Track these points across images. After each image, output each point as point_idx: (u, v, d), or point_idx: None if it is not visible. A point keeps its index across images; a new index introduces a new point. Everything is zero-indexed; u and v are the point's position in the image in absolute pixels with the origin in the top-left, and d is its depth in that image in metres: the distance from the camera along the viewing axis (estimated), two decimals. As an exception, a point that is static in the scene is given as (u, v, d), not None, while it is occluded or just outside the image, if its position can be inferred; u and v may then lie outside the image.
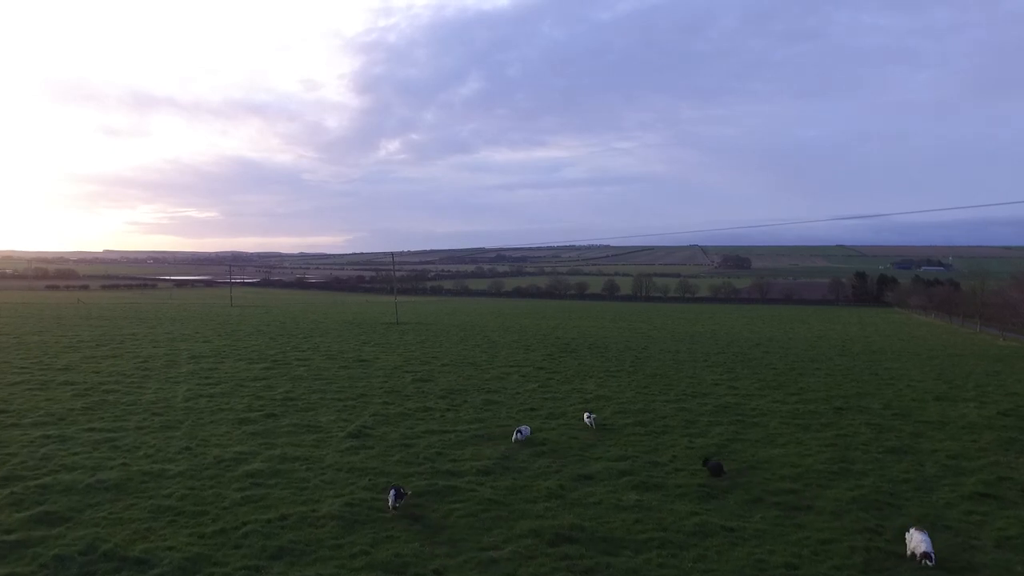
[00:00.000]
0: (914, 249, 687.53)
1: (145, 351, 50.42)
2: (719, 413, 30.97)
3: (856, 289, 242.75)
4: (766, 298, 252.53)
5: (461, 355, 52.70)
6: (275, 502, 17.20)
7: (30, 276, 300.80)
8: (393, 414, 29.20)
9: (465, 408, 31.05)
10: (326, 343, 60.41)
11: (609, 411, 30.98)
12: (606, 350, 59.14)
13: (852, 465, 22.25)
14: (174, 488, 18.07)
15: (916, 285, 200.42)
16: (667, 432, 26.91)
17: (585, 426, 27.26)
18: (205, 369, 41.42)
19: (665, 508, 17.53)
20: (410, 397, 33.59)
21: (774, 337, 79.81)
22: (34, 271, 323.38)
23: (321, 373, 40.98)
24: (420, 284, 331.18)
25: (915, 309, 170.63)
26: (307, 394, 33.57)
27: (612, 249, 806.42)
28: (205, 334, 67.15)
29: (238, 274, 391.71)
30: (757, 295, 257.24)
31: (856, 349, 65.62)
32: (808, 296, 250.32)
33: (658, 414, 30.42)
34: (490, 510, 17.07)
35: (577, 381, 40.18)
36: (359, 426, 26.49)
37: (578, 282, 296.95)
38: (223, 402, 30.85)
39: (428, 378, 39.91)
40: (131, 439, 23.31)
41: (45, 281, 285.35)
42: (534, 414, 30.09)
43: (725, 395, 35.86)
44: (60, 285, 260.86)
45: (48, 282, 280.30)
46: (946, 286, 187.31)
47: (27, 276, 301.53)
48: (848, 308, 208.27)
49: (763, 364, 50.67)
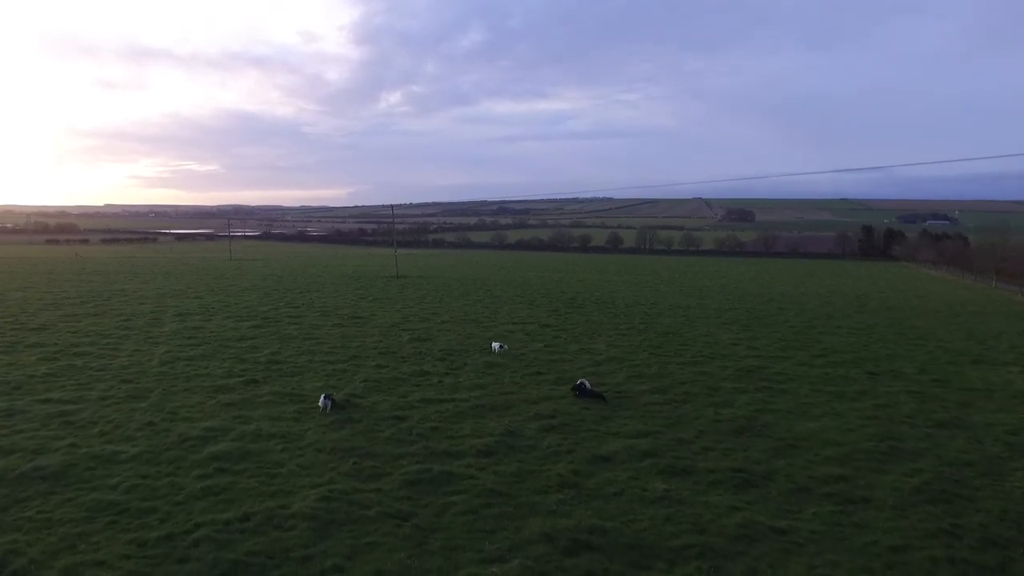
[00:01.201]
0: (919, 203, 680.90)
1: (130, 308, 47.78)
2: (742, 378, 28.36)
3: (862, 243, 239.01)
4: (771, 251, 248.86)
5: (462, 311, 50.07)
6: (239, 495, 14.57)
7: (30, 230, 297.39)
8: (386, 379, 26.59)
9: (465, 372, 28.42)
10: (322, 298, 57.76)
11: (623, 375, 28.37)
12: (614, 305, 56.49)
13: (901, 443, 19.65)
14: (123, 477, 15.43)
15: (923, 239, 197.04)
16: (688, 401, 24.30)
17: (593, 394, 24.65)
18: (190, 328, 38.79)
19: (699, 501, 14.92)
20: (406, 359, 31.00)
21: (785, 292, 77.06)
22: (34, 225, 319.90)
23: (312, 332, 38.37)
24: (422, 237, 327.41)
25: (924, 264, 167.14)
26: (294, 356, 30.97)
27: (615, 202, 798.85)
28: (197, 289, 64.46)
29: (239, 227, 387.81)
30: (762, 248, 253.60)
31: (872, 305, 62.95)
32: (813, 249, 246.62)
33: (676, 379, 27.79)
34: (493, 504, 14.46)
35: (585, 340, 37.56)
36: (347, 394, 23.91)
37: (581, 235, 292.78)
38: (202, 366, 28.23)
39: (426, 337, 37.30)
40: (88, 413, 20.68)
41: (45, 235, 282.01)
42: (540, 379, 27.48)
43: (746, 357, 33.25)
44: (60, 239, 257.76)
45: (48, 236, 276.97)
46: (956, 240, 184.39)
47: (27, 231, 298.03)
48: (855, 262, 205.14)
49: (779, 321, 48.03)
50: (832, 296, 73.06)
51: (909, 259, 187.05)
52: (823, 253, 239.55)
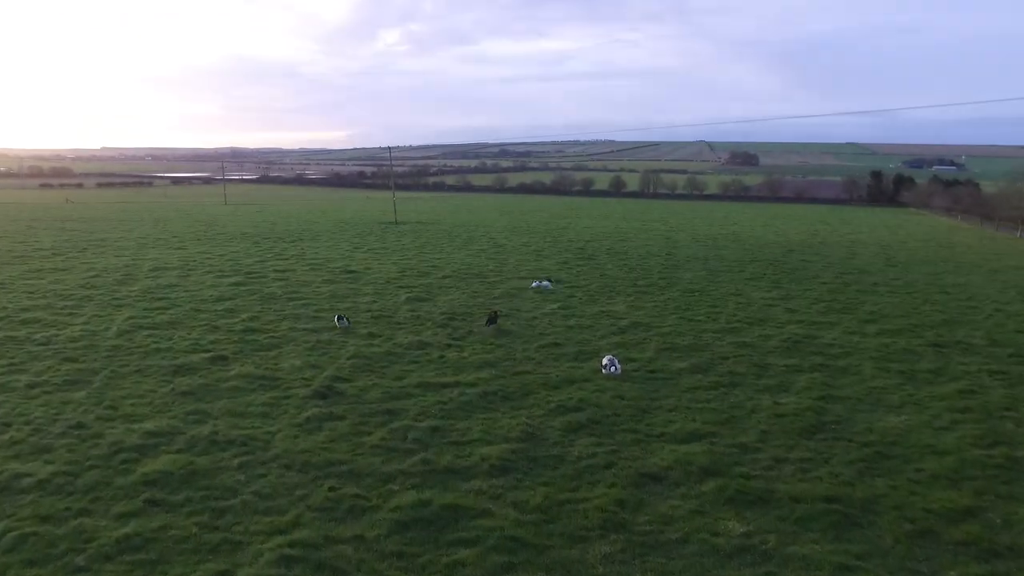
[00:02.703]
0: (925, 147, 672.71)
1: (103, 262, 43.72)
2: (791, 352, 24.44)
3: (871, 188, 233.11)
4: (778, 196, 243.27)
5: (465, 263, 46.06)
6: (167, 553, 10.57)
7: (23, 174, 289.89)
8: (378, 355, 22.64)
9: (470, 344, 24.49)
10: (314, 248, 53.69)
11: (652, 347, 24.44)
12: (626, 256, 52.44)
13: (1016, 450, 15.79)
14: (13, 521, 11.36)
15: (933, 185, 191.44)
16: (737, 384, 20.43)
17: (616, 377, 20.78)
18: (162, 287, 34.81)
19: (791, 553, 11.06)
20: (402, 325, 27.08)
21: (803, 241, 72.68)
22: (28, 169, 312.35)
23: (299, 290, 34.42)
24: (422, 180, 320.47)
25: (938, 211, 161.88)
26: (275, 322, 27.04)
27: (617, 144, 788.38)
28: (183, 238, 60.31)
29: (236, 171, 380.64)
30: (768, 193, 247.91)
31: (901, 258, 58.66)
32: (820, 195, 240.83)
33: (717, 353, 23.86)
34: (515, 565, 10.59)
35: (603, 300, 33.62)
36: (330, 376, 20.04)
37: (584, 178, 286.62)
38: (164, 337, 24.28)
39: (426, 296, 33.35)
40: (5, 409, 16.76)
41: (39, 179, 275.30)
42: (558, 353, 23.59)
43: (787, 322, 29.29)
44: (54, 183, 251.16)
45: (43, 180, 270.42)
46: (968, 187, 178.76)
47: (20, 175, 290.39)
48: (865, 208, 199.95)
49: (808, 275, 43.99)
50: (854, 246, 68.79)
51: (921, 206, 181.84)
52: (830, 198, 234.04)
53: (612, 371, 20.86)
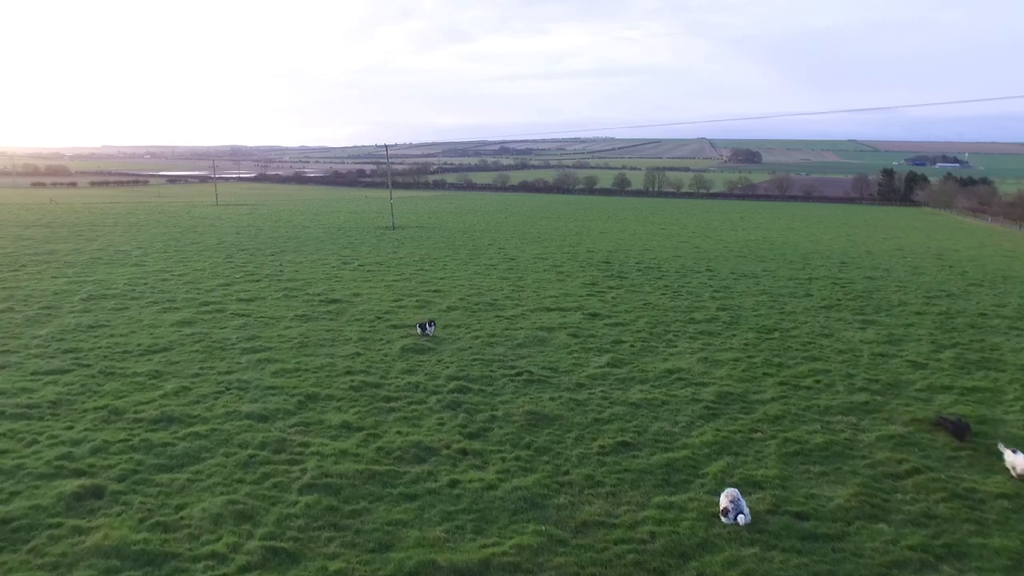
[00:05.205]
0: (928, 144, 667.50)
1: (32, 285, 35.45)
2: (966, 453, 16.17)
3: (882, 187, 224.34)
4: (786, 195, 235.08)
5: (473, 285, 37.84)
6: None
7: (16, 173, 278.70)
8: (347, 486, 14.16)
9: (494, 446, 16.14)
10: (295, 263, 45.47)
11: (773, 454, 16.02)
12: (661, 273, 44.28)
13: None
14: None
15: (949, 184, 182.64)
16: (959, 556, 12.17)
17: (747, 530, 12.54)
18: (83, 327, 26.53)
19: None
20: (393, 406, 18.73)
21: (846, 250, 64.17)
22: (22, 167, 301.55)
23: (260, 333, 26.16)
24: (422, 178, 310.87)
25: (963, 211, 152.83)
26: (207, 401, 18.63)
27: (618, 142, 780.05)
28: (147, 250, 51.94)
29: (234, 169, 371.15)
30: (776, 191, 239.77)
31: (977, 274, 50.14)
32: (829, 193, 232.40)
33: (876, 464, 15.55)
34: None
35: (662, 347, 25.37)
36: (269, 534, 11.79)
37: (587, 176, 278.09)
38: (27, 438, 15.93)
39: (428, 345, 25.01)
40: None
41: (32, 178, 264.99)
42: (634, 463, 15.32)
43: (931, 389, 20.97)
44: (47, 182, 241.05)
45: (36, 179, 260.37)
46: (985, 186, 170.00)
47: (12, 173, 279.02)
48: (878, 208, 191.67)
49: (891, 302, 35.60)
50: (908, 257, 60.17)
51: (938, 205, 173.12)
52: (840, 197, 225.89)
53: (738, 520, 12.60)
